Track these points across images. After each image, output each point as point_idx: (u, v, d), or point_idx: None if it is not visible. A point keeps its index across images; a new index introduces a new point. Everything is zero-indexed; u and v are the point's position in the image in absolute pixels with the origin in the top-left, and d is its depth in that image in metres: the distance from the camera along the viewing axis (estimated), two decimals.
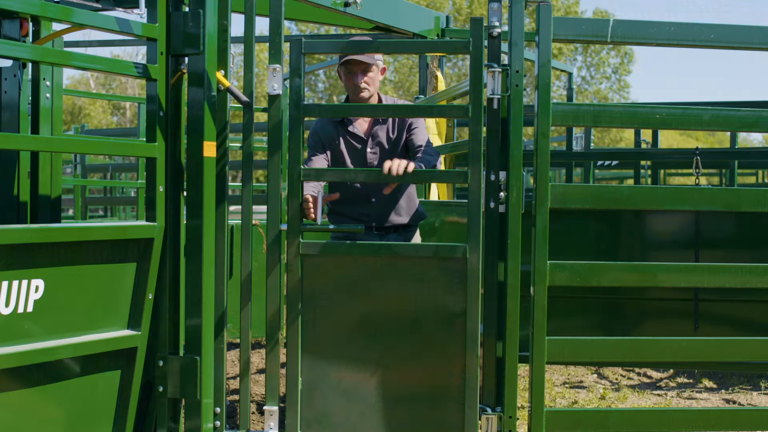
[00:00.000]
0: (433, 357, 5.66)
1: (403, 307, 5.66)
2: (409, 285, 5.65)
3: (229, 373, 8.78)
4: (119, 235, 5.21)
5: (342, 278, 5.68)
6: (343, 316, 5.65)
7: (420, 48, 6.25)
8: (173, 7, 5.47)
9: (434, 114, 7.01)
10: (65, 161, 16.25)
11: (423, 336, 5.63)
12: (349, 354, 5.70)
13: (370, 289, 5.68)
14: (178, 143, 5.53)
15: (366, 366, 5.68)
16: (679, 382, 9.06)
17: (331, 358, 5.73)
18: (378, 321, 5.68)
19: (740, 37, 5.83)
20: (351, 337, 5.69)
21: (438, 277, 5.62)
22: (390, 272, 5.65)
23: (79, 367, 5.07)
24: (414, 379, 5.70)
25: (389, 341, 5.68)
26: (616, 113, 5.82)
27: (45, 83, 6.31)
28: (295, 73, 5.65)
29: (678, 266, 5.77)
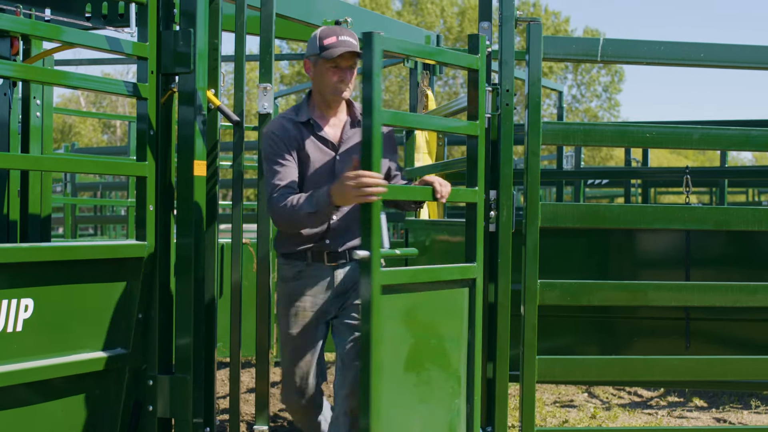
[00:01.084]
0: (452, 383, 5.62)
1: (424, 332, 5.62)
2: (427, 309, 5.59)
3: (219, 392, 8.75)
4: (109, 254, 5.19)
5: None
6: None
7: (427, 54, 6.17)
8: (164, 26, 5.47)
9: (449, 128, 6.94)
10: (55, 180, 16.21)
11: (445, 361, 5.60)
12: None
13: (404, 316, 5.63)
14: (168, 162, 5.52)
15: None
16: (669, 400, 9.05)
17: None
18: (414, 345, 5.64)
19: (730, 56, 5.85)
20: None
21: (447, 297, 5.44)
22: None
23: (68, 386, 5.04)
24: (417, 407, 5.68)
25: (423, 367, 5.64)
26: (606, 132, 5.83)
27: (35, 102, 6.30)
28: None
29: (668, 285, 5.78)
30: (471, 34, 5.57)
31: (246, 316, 6.14)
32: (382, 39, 4.73)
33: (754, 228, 5.71)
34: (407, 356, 4.98)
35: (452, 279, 5.32)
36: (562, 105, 12.51)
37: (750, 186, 19.85)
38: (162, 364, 5.52)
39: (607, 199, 21.82)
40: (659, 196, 22.87)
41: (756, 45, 5.81)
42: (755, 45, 5.81)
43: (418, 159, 8.27)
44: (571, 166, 12.91)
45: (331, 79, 5.25)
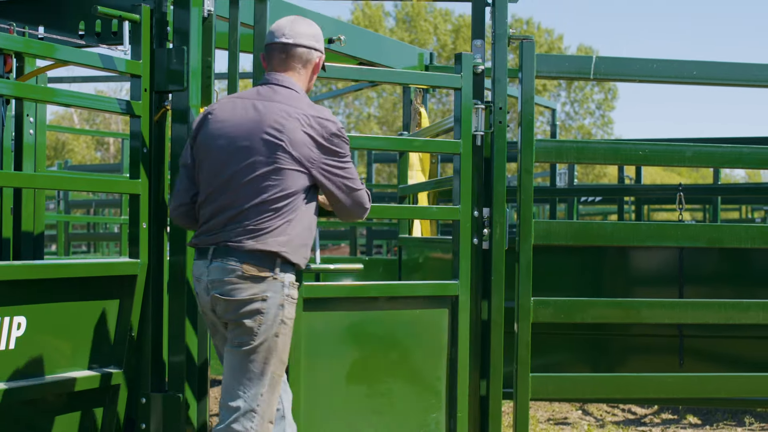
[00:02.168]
0: (423, 396, 5.64)
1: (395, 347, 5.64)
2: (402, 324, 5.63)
3: (212, 410, 8.73)
4: (102, 272, 5.19)
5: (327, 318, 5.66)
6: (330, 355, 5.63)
7: (411, 79, 6.20)
8: (157, 43, 5.47)
9: (426, 149, 7.02)
10: (48, 197, 16.22)
11: (412, 374, 5.62)
12: (334, 388, 5.67)
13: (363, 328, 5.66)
14: (161, 179, 5.52)
15: (354, 398, 5.66)
16: (663, 418, 9.04)
17: (320, 395, 5.71)
18: (366, 358, 5.66)
19: (722, 74, 5.88)
20: (337, 375, 5.67)
21: (429, 314, 5.59)
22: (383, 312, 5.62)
23: (61, 404, 5.04)
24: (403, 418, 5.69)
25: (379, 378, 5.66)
26: (599, 150, 5.85)
27: (28, 119, 6.31)
28: None
29: (662, 302, 5.79)
30: (457, 53, 5.59)
31: None
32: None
33: (747, 245, 5.72)
34: (354, 368, 5.09)
35: (421, 295, 5.40)
36: (556, 122, 12.54)
37: (743, 203, 19.86)
38: (155, 382, 5.51)
39: (601, 217, 21.82)
40: (652, 214, 22.86)
41: (747, 63, 5.84)
42: (746, 63, 5.84)
43: (411, 176, 8.27)
44: (564, 184, 12.92)
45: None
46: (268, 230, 4.46)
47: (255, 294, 4.43)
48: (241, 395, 4.46)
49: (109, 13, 5.28)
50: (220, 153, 4.56)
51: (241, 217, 4.48)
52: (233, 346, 4.49)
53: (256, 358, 4.47)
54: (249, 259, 4.44)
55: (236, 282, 4.44)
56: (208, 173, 4.61)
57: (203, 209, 4.63)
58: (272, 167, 4.48)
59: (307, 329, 5.47)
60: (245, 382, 4.46)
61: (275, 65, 4.73)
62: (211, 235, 4.54)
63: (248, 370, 4.47)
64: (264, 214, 4.47)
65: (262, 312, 4.44)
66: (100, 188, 5.65)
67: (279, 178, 4.48)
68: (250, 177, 4.48)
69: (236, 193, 4.49)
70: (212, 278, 4.48)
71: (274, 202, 4.48)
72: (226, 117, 4.61)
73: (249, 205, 4.47)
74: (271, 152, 4.48)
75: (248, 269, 4.43)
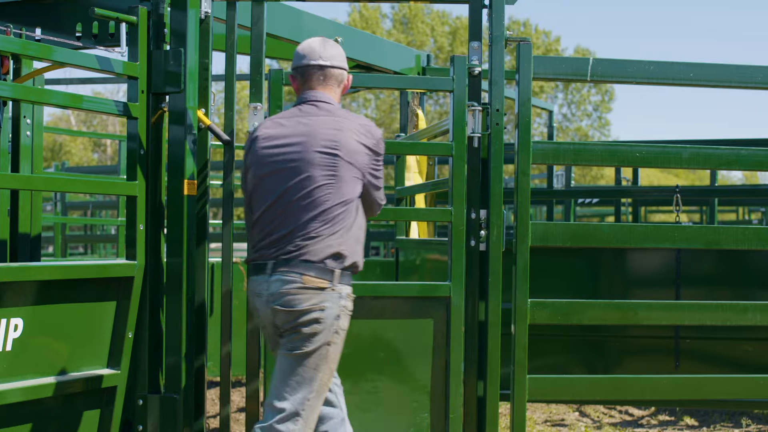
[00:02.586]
0: (417, 397, 5.65)
1: (386, 345, 5.66)
2: (393, 323, 5.65)
3: (209, 411, 8.72)
4: (99, 274, 5.19)
5: None
6: None
7: (405, 84, 6.25)
8: (154, 45, 5.48)
9: (418, 152, 7.03)
10: (45, 199, 16.19)
11: (406, 375, 5.62)
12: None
13: (351, 327, 5.66)
14: (158, 181, 5.52)
15: (348, 404, 5.65)
16: (660, 419, 9.05)
17: None
18: (360, 359, 5.67)
19: (718, 76, 5.87)
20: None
21: (421, 315, 5.62)
22: (372, 310, 5.64)
23: (58, 406, 5.04)
24: (396, 417, 5.70)
25: (372, 380, 5.67)
26: (596, 151, 5.85)
27: (25, 121, 6.31)
28: (276, 104, 5.64)
29: (659, 304, 5.79)
30: (453, 55, 5.60)
31: (236, 336, 6.12)
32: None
33: (744, 247, 5.72)
34: (342, 366, 5.14)
35: (412, 296, 5.43)
36: (553, 124, 12.53)
37: (740, 205, 19.90)
38: (152, 384, 5.52)
39: (598, 218, 21.84)
40: (649, 215, 22.89)
41: (744, 65, 5.84)
42: (743, 65, 5.84)
43: (408, 178, 8.27)
44: (561, 185, 12.92)
45: None
46: (326, 241, 4.61)
47: (314, 304, 4.57)
48: (288, 398, 4.57)
49: (106, 14, 5.28)
50: (274, 171, 4.71)
51: (299, 230, 4.62)
52: (286, 350, 4.61)
53: (308, 363, 4.58)
54: (309, 270, 4.58)
55: (296, 293, 4.57)
56: (264, 191, 4.73)
57: (259, 227, 4.74)
58: (329, 178, 4.65)
59: None
60: (294, 385, 4.58)
61: (313, 84, 4.89)
62: (270, 250, 4.66)
63: (298, 374, 4.58)
64: (323, 225, 4.62)
65: (319, 321, 4.57)
66: (97, 190, 5.65)
67: (336, 189, 4.65)
68: (307, 190, 4.63)
69: (294, 208, 4.64)
70: (272, 291, 4.60)
71: (331, 211, 4.63)
72: (274, 135, 4.77)
73: (307, 218, 4.62)
74: (327, 164, 4.65)
75: (308, 280, 4.57)
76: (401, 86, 6.09)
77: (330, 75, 4.90)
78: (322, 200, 4.62)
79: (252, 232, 4.79)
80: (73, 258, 18.67)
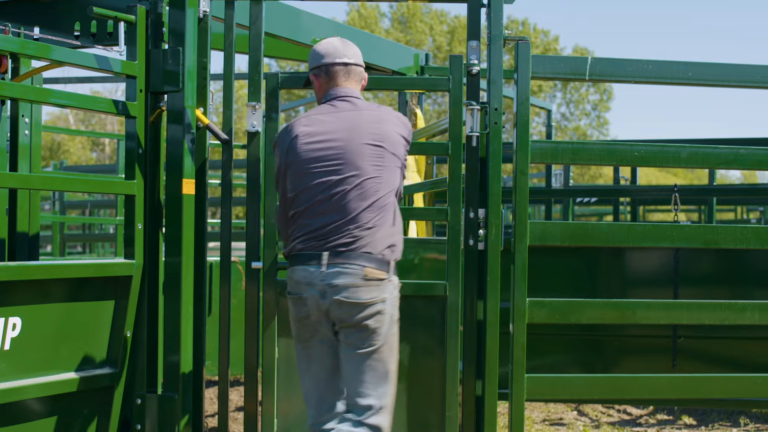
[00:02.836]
0: (413, 395, 5.65)
1: None
2: None
3: (207, 411, 8.72)
4: (97, 273, 5.19)
5: None
6: None
7: (400, 85, 6.26)
8: (152, 44, 5.48)
9: (414, 151, 7.02)
10: (44, 198, 16.19)
11: (403, 374, 5.62)
12: None
13: None
14: (157, 180, 5.52)
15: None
16: (659, 418, 9.05)
17: None
18: None
19: (717, 75, 5.88)
20: None
21: (417, 313, 5.63)
22: None
23: (56, 405, 5.04)
24: (394, 418, 5.69)
25: None
26: (594, 151, 5.84)
27: (24, 120, 6.30)
28: (272, 108, 5.65)
29: (657, 303, 5.78)
30: (452, 55, 5.60)
31: (235, 335, 6.12)
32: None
33: (742, 246, 5.72)
34: None
35: (408, 295, 5.46)
36: (551, 123, 12.53)
37: (738, 204, 19.90)
38: (150, 383, 5.52)
39: (596, 217, 21.85)
40: (648, 214, 22.89)
41: (742, 64, 5.84)
42: (741, 64, 5.84)
43: (407, 177, 8.27)
44: (560, 185, 12.92)
45: None
46: (382, 232, 4.80)
47: (376, 296, 4.73)
48: (371, 394, 4.74)
49: (104, 14, 5.28)
50: (323, 165, 4.83)
51: (353, 221, 4.75)
52: (354, 348, 4.75)
53: (381, 357, 4.77)
54: (370, 262, 4.75)
55: (360, 285, 4.71)
56: (312, 185, 4.83)
57: (304, 218, 4.84)
58: (378, 170, 4.83)
59: (284, 322, 5.57)
60: (374, 381, 4.75)
61: (340, 81, 5.05)
62: (321, 241, 4.77)
63: (375, 370, 4.76)
64: (376, 215, 4.79)
65: (382, 313, 4.75)
66: (96, 189, 5.65)
67: (384, 179, 4.84)
68: (359, 182, 4.78)
69: (347, 199, 4.76)
70: (330, 282, 4.71)
71: (382, 201, 4.82)
72: (317, 132, 4.89)
73: (361, 209, 4.76)
74: (375, 155, 4.83)
75: (370, 272, 4.73)
76: (399, 87, 6.11)
77: (354, 72, 5.07)
78: (373, 191, 4.78)
79: (291, 225, 4.90)
80: (72, 257, 18.66)
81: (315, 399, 4.85)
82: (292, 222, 4.89)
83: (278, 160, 4.96)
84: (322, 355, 4.84)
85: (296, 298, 4.80)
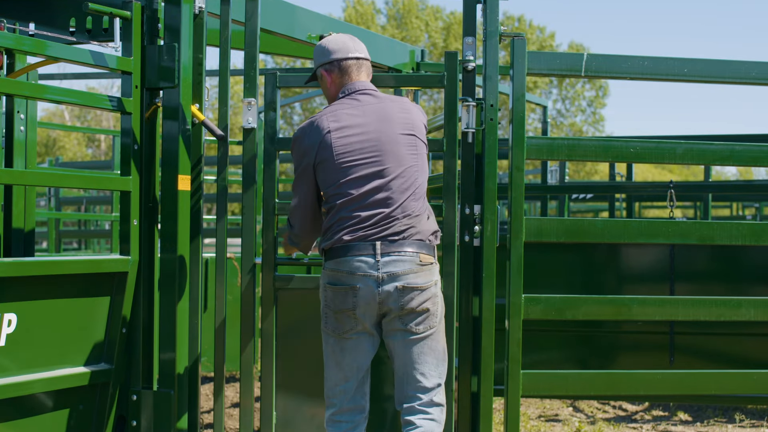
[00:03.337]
0: None
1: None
2: None
3: (203, 407, 8.73)
4: (93, 269, 5.19)
5: (317, 312, 5.67)
6: (318, 349, 5.64)
7: (395, 81, 6.25)
8: (148, 40, 5.47)
9: None
10: (39, 194, 16.18)
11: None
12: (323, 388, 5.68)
13: None
14: (152, 176, 5.52)
15: None
16: (654, 414, 9.06)
17: (306, 393, 5.72)
18: None
19: (713, 72, 5.88)
20: None
21: None
22: None
23: (52, 401, 5.03)
24: (390, 412, 5.70)
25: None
26: (590, 147, 5.85)
27: (19, 116, 6.29)
28: (270, 106, 5.66)
29: (653, 300, 5.79)
30: (447, 51, 5.59)
31: (230, 331, 6.12)
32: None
33: (738, 242, 5.72)
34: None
35: None
36: (547, 119, 12.55)
37: (734, 200, 19.88)
38: (146, 379, 5.51)
39: (592, 214, 21.82)
40: (644, 211, 22.86)
41: (737, 60, 5.84)
42: (737, 60, 5.85)
43: None
44: (555, 181, 12.92)
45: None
46: (425, 218, 4.95)
47: (429, 280, 4.89)
48: (433, 373, 4.95)
49: (100, 9, 5.26)
50: (362, 157, 4.93)
51: (401, 210, 4.88)
52: (413, 333, 4.89)
53: (438, 338, 4.97)
54: (422, 248, 4.90)
55: (417, 271, 4.85)
56: (352, 177, 4.89)
57: (350, 210, 4.88)
58: (414, 158, 4.98)
59: (282, 317, 5.74)
60: (434, 362, 4.95)
61: (354, 76, 5.14)
62: (373, 230, 4.85)
63: (435, 350, 4.95)
64: (419, 202, 4.94)
65: (436, 296, 4.94)
66: (91, 185, 5.66)
67: (420, 167, 4.99)
68: (400, 170, 4.91)
69: (392, 189, 4.87)
70: (388, 271, 4.82)
71: (422, 188, 4.99)
72: (349, 125, 4.97)
73: (406, 198, 4.89)
74: (410, 144, 4.98)
75: (424, 257, 4.89)
76: (395, 84, 6.10)
77: (365, 66, 5.18)
78: (413, 179, 4.92)
79: (331, 218, 4.94)
80: (67, 253, 18.64)
81: (340, 391, 4.94)
82: (331, 215, 4.93)
83: (306, 158, 5.00)
84: (358, 348, 4.93)
85: (346, 289, 4.86)
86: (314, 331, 5.57)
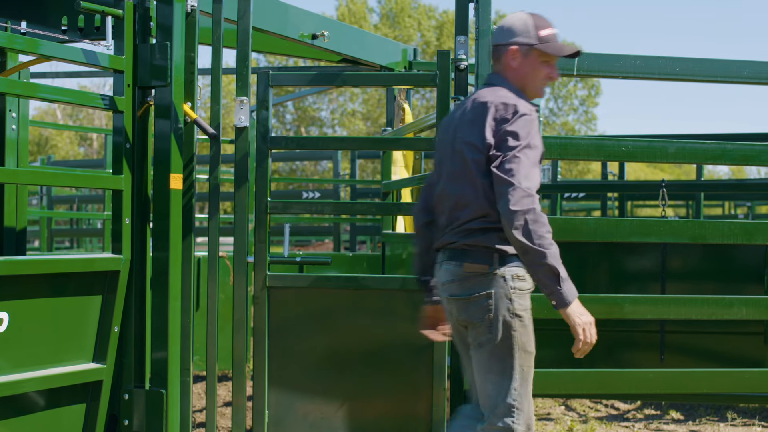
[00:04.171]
0: (401, 390, 5.65)
1: (370, 339, 5.66)
2: (377, 317, 5.66)
3: (195, 406, 8.72)
4: (85, 268, 5.18)
5: (309, 310, 5.68)
6: (310, 348, 5.65)
7: (387, 81, 6.27)
8: (140, 39, 5.46)
9: (402, 147, 7.02)
10: (31, 192, 16.16)
11: (390, 368, 5.63)
12: (316, 387, 5.68)
13: (337, 322, 5.68)
14: (144, 175, 5.51)
15: (333, 399, 5.66)
16: (646, 413, 9.07)
17: (298, 391, 5.72)
18: (345, 353, 5.68)
19: (705, 71, 5.89)
20: (318, 370, 5.68)
21: (405, 309, 5.62)
22: (357, 304, 5.65)
23: (43, 400, 5.02)
24: (381, 411, 5.70)
25: (356, 374, 5.67)
26: (582, 146, 5.85)
27: (11, 114, 6.28)
28: (262, 105, 5.66)
29: (645, 298, 5.80)
30: (440, 50, 5.60)
31: (222, 330, 6.12)
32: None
33: (729, 241, 5.73)
34: (324, 348, 5.17)
35: (389, 288, 5.49)
36: (539, 118, 12.53)
37: (726, 199, 19.93)
38: (138, 378, 5.51)
39: (584, 213, 21.86)
40: (636, 209, 22.92)
41: (730, 59, 5.86)
42: (729, 59, 5.86)
43: (395, 172, 8.27)
44: (547, 180, 12.93)
45: (545, 74, 4.76)
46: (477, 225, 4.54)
47: (480, 292, 4.48)
48: (496, 392, 4.50)
49: (92, 8, 5.26)
50: (439, 153, 4.78)
51: (454, 215, 4.60)
52: (475, 346, 4.55)
53: (499, 353, 4.49)
54: (467, 257, 4.51)
55: (460, 281, 4.52)
56: (438, 177, 4.74)
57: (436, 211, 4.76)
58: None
59: (275, 316, 5.72)
60: (495, 379, 4.51)
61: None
62: (440, 237, 4.66)
63: (496, 366, 4.50)
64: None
65: (490, 309, 4.47)
66: (83, 184, 5.64)
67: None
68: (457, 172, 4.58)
69: (448, 193, 4.62)
70: (442, 281, 4.60)
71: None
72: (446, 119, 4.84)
73: (456, 203, 4.59)
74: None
75: (469, 267, 4.49)
76: (387, 82, 6.11)
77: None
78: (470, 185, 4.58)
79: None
80: (59, 252, 18.62)
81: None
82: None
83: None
84: (465, 358, 4.75)
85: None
86: (306, 330, 5.58)
